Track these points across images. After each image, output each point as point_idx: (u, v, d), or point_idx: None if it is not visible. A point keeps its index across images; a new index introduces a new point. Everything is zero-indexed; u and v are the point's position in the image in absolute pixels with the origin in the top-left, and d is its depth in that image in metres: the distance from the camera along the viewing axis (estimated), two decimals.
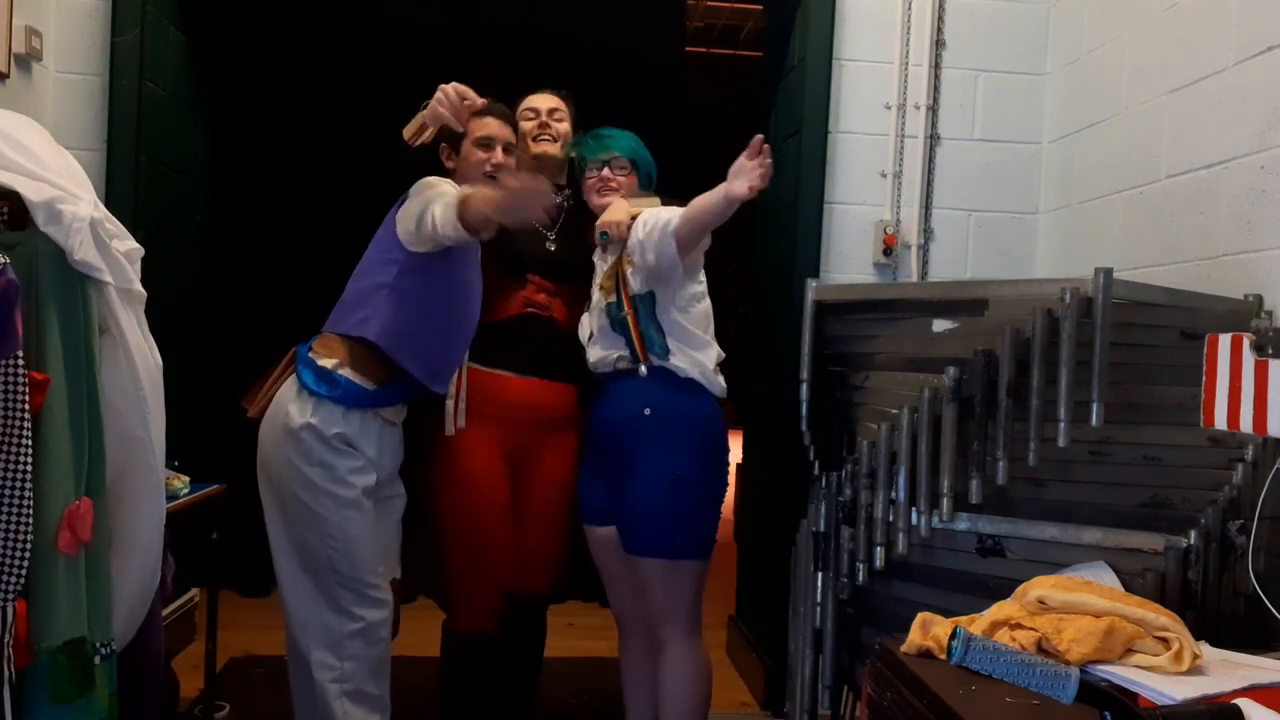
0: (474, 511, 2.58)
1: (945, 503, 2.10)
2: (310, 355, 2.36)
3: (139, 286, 2.05)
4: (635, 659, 2.62)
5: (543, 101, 2.72)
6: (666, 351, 2.41)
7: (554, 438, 2.64)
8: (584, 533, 2.62)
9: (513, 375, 2.60)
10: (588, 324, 2.56)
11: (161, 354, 2.11)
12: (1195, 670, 1.57)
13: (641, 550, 2.41)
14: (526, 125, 2.69)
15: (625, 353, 2.45)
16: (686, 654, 2.45)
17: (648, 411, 2.41)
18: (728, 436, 2.55)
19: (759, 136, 2.17)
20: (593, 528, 2.58)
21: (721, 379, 2.49)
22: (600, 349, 2.50)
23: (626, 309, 2.41)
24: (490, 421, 2.58)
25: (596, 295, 2.53)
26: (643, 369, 2.42)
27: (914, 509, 2.14)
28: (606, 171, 2.55)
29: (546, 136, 2.68)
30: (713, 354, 2.48)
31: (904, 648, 1.70)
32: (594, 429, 2.55)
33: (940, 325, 2.21)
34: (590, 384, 2.60)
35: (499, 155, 2.52)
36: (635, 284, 2.42)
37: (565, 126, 2.71)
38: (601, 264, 2.55)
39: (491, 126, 2.53)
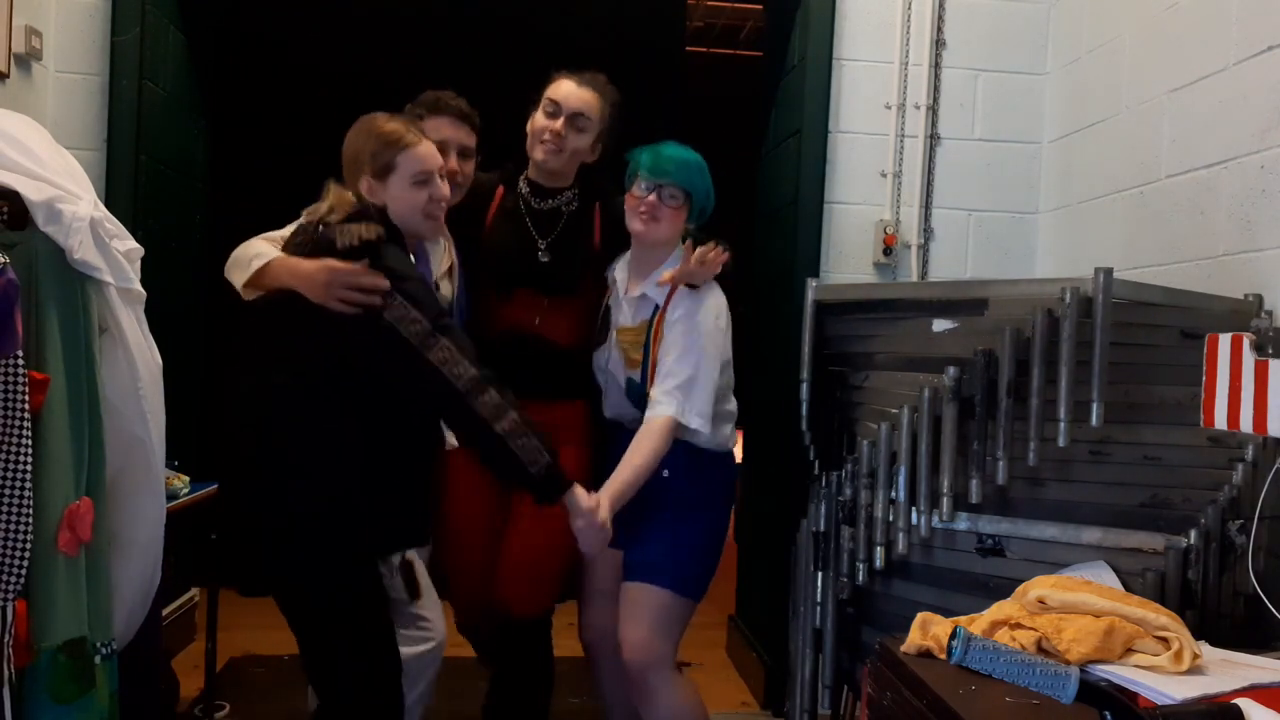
0: (452, 532, 2.49)
1: (945, 502, 2.10)
2: None
3: (139, 286, 2.05)
4: (614, 682, 2.49)
5: (572, 98, 2.39)
6: (685, 428, 2.29)
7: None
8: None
9: None
10: (603, 368, 2.42)
11: (161, 354, 2.12)
12: (1195, 670, 1.57)
13: (646, 578, 2.32)
14: (540, 120, 2.41)
15: (640, 417, 2.31)
16: (681, 687, 2.36)
17: (665, 474, 2.30)
18: (735, 488, 2.53)
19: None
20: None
21: (733, 440, 2.44)
22: (614, 404, 2.41)
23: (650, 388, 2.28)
24: None
25: (616, 347, 2.38)
26: None
27: (914, 509, 2.14)
28: (653, 198, 2.27)
29: (553, 147, 2.40)
30: (730, 426, 2.41)
31: (904, 647, 1.70)
32: (607, 469, 2.38)
33: (940, 325, 2.21)
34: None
35: (452, 161, 2.32)
36: None
37: (584, 141, 2.42)
38: (626, 305, 2.38)
39: (444, 129, 2.35)
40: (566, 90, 2.41)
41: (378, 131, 2.12)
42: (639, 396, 2.33)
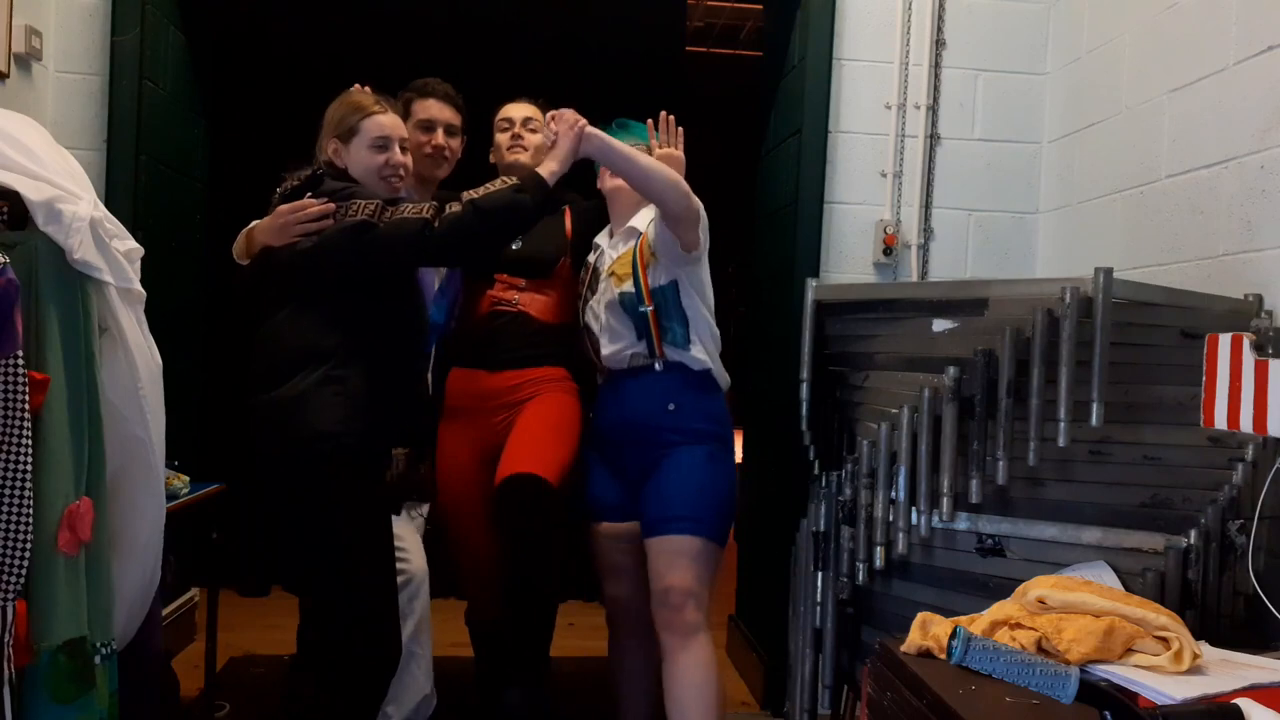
0: (449, 513, 2.73)
1: (945, 502, 2.10)
2: None
3: (139, 286, 2.05)
4: (630, 659, 2.61)
5: (517, 111, 2.75)
6: (687, 342, 2.43)
7: (535, 400, 2.64)
8: (589, 530, 2.60)
9: (484, 370, 2.66)
10: (598, 314, 2.53)
11: (161, 354, 2.12)
12: (1195, 670, 1.58)
13: (679, 529, 2.39)
14: (501, 136, 2.75)
15: (640, 348, 2.45)
16: (708, 647, 2.43)
17: (672, 407, 2.44)
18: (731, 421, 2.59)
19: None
20: (607, 524, 2.56)
21: (724, 373, 2.53)
22: (612, 342, 2.49)
23: (647, 302, 2.41)
24: (468, 417, 2.66)
25: (605, 283, 2.51)
26: (658, 364, 2.44)
27: (914, 509, 2.14)
28: None
29: (519, 147, 2.71)
30: (718, 343, 2.52)
31: (904, 647, 1.70)
32: (610, 428, 2.54)
33: (940, 325, 2.21)
34: (583, 369, 2.63)
35: (439, 137, 2.64)
36: (658, 276, 2.42)
37: (538, 137, 2.71)
38: (611, 251, 2.55)
39: (432, 109, 2.64)
40: (509, 109, 2.78)
41: (347, 100, 2.37)
42: (634, 309, 2.43)
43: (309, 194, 2.25)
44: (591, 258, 2.63)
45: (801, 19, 3.29)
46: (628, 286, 2.44)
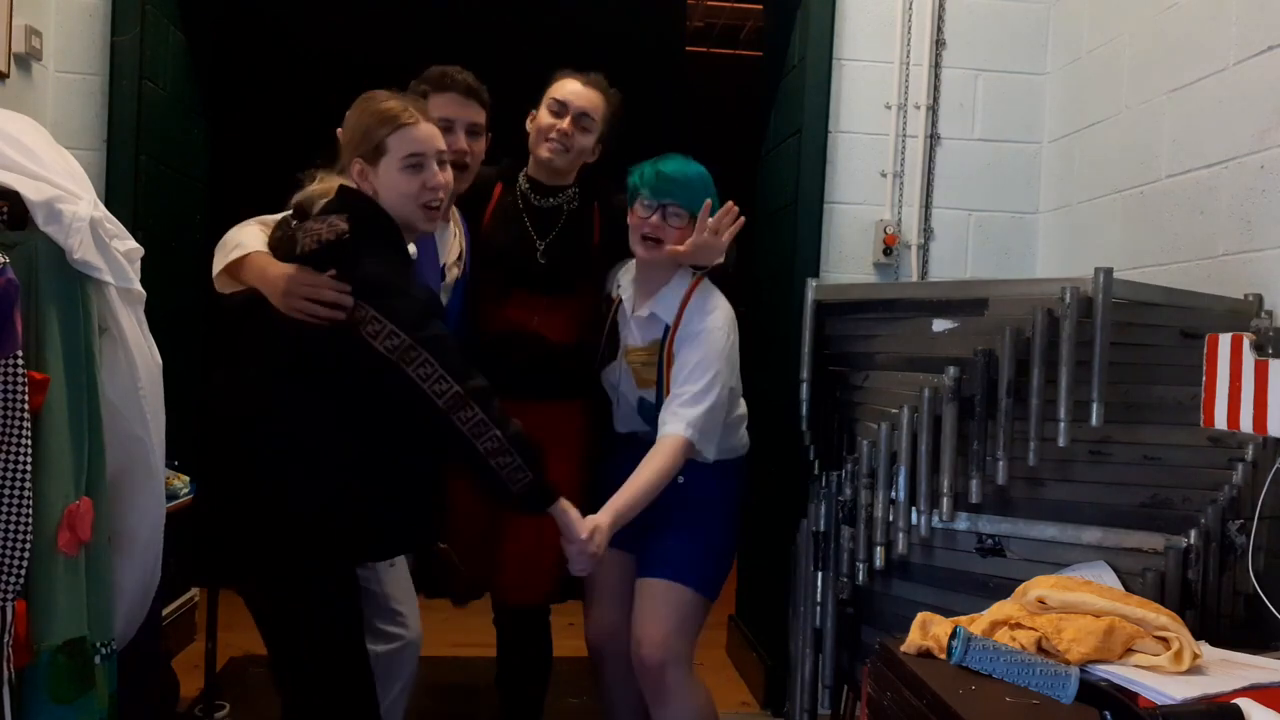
0: (453, 531, 2.48)
1: (945, 502, 2.10)
2: None
3: (139, 286, 2.05)
4: (619, 684, 2.49)
5: (578, 98, 2.37)
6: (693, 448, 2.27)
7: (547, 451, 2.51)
8: None
9: None
10: (613, 384, 2.40)
11: (161, 354, 2.12)
12: (1195, 670, 1.57)
13: (672, 575, 2.30)
14: (546, 119, 2.38)
15: (653, 434, 2.28)
16: (695, 690, 2.34)
17: (681, 480, 2.27)
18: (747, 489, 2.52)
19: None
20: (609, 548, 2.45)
21: (746, 443, 2.45)
22: (626, 422, 2.40)
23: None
24: None
25: (627, 368, 2.36)
26: None
27: (914, 509, 2.14)
28: (656, 218, 2.24)
29: (560, 146, 2.37)
30: (742, 428, 2.43)
31: (904, 647, 1.70)
32: (622, 474, 2.33)
33: (940, 325, 2.21)
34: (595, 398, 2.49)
35: (460, 140, 2.23)
36: None
37: (589, 140, 2.41)
38: (636, 328, 2.35)
39: (451, 106, 2.26)
40: (572, 90, 2.39)
41: (374, 109, 1.98)
42: (653, 415, 2.30)
43: (331, 269, 1.87)
44: (613, 293, 2.41)
45: (801, 19, 3.29)
46: (648, 393, 2.33)
